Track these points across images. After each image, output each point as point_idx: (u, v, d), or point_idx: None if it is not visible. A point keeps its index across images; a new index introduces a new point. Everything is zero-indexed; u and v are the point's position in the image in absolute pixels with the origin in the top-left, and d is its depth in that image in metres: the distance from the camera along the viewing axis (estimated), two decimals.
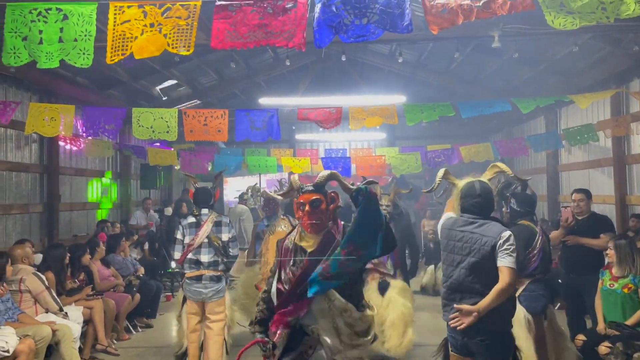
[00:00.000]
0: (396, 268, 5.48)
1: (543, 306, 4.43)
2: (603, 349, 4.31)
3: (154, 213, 10.58)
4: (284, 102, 11.26)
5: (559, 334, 4.60)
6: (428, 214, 11.58)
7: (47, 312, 5.39)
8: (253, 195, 9.09)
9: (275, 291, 3.01)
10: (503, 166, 3.63)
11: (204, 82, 11.65)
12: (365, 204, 2.77)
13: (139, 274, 7.44)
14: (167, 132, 6.40)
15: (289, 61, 8.32)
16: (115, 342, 6.39)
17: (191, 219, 5.17)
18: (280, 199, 3.78)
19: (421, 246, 10.19)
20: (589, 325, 5.40)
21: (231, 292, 5.88)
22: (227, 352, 5.04)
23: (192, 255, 4.97)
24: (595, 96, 7.06)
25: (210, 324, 4.97)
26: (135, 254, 8.55)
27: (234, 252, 5.11)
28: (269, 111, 6.86)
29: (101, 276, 6.71)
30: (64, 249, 6.10)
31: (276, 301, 3.02)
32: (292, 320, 2.94)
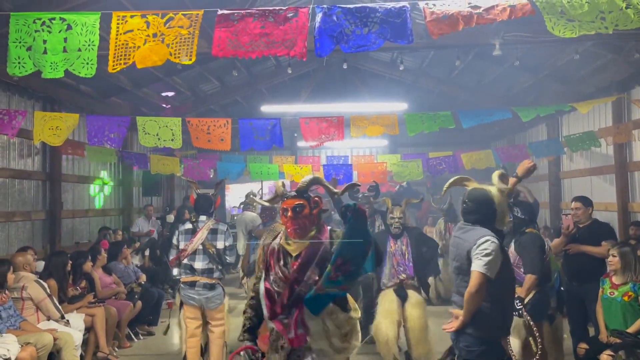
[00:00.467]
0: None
1: (546, 313, 4.45)
2: (605, 357, 4.29)
3: (155, 220, 10.59)
4: (286, 110, 11.30)
5: (556, 342, 4.63)
6: (429, 221, 11.57)
7: (48, 320, 5.39)
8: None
9: (264, 292, 3.01)
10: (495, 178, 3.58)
11: (206, 90, 11.70)
12: (353, 220, 2.79)
13: (141, 282, 7.43)
14: (172, 140, 6.59)
15: (290, 69, 8.37)
16: (117, 349, 6.39)
17: (187, 225, 5.23)
18: (267, 204, 3.80)
19: None
20: (592, 333, 5.38)
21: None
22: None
23: (187, 261, 5.03)
24: (596, 101, 7.08)
25: (212, 329, 5.11)
26: (137, 261, 8.55)
27: (230, 259, 5.15)
28: (271, 121, 6.92)
29: (103, 283, 6.72)
30: (65, 256, 6.12)
31: (266, 303, 3.00)
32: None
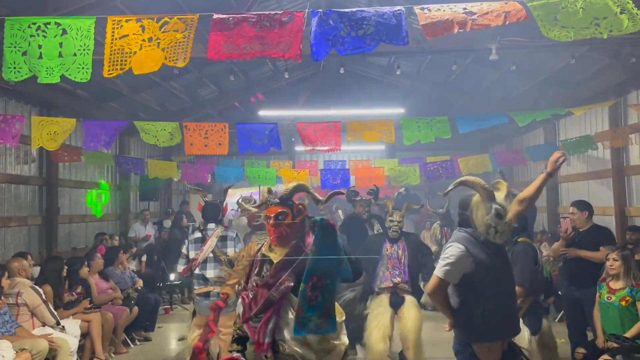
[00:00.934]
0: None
1: (541, 324, 4.45)
2: None
3: (152, 225, 10.56)
4: (283, 114, 11.30)
5: (548, 346, 4.63)
6: (427, 226, 11.56)
7: (44, 326, 5.36)
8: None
9: (241, 296, 3.02)
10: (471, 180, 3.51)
11: (204, 94, 11.70)
12: (321, 235, 2.77)
13: (137, 287, 7.40)
14: (170, 139, 6.76)
15: (287, 74, 8.37)
16: (113, 355, 6.35)
17: (197, 234, 5.20)
18: (254, 210, 3.76)
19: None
20: (590, 337, 5.36)
21: None
22: None
23: (199, 271, 5.01)
24: (593, 106, 7.11)
25: (222, 337, 5.02)
26: (134, 266, 8.53)
27: None
28: (269, 125, 6.93)
29: (99, 289, 6.69)
30: (61, 261, 6.09)
31: (242, 307, 3.01)
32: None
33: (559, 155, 3.25)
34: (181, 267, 5.17)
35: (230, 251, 5.02)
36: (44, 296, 5.44)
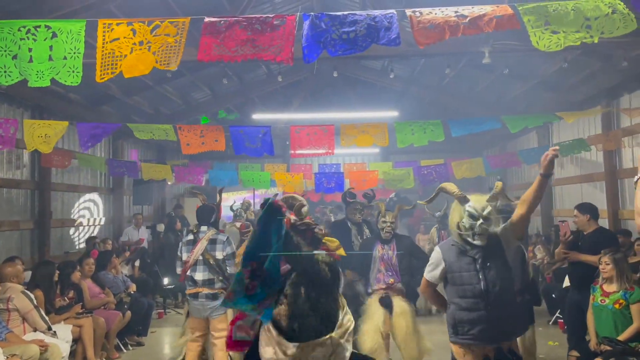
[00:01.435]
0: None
1: (527, 327, 4.47)
2: None
3: (145, 229, 10.51)
4: (277, 118, 11.29)
5: (529, 350, 4.64)
6: (422, 229, 11.57)
7: (35, 331, 5.31)
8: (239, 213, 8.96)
9: None
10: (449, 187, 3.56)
11: (198, 98, 11.68)
12: (264, 214, 2.46)
13: (130, 291, 7.36)
14: (166, 136, 6.87)
15: (281, 77, 8.37)
16: None
17: (189, 237, 5.22)
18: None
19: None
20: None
21: None
22: None
23: (189, 273, 5.04)
24: (584, 113, 7.16)
25: (214, 340, 5.03)
26: (127, 270, 8.47)
27: (230, 270, 5.07)
28: (262, 128, 6.92)
29: (91, 293, 6.64)
30: (53, 266, 6.04)
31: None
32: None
33: (548, 155, 3.17)
34: (179, 270, 5.23)
35: (219, 254, 5.02)
36: (35, 301, 5.39)
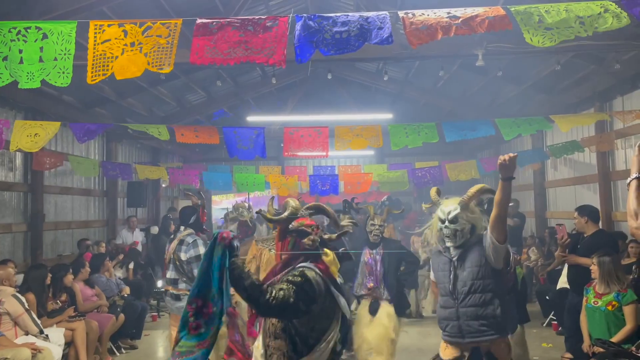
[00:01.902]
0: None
1: (510, 326, 4.46)
2: None
3: (139, 232, 10.46)
4: (272, 120, 11.27)
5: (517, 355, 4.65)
6: (417, 230, 11.53)
7: (27, 335, 5.27)
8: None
9: None
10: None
11: (192, 100, 11.66)
12: (209, 247, 2.39)
13: (124, 294, 7.32)
14: (159, 134, 6.92)
15: (275, 79, 8.36)
16: None
17: (172, 237, 5.35)
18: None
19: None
20: None
21: None
22: None
23: (167, 271, 5.24)
24: (578, 121, 7.19)
25: (173, 333, 5.08)
26: (120, 273, 8.43)
27: (194, 272, 4.95)
28: (255, 129, 6.90)
29: (84, 296, 6.59)
30: (45, 269, 6.00)
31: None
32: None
33: (501, 157, 3.36)
34: None
35: (183, 255, 5.02)
36: (26, 305, 5.35)
